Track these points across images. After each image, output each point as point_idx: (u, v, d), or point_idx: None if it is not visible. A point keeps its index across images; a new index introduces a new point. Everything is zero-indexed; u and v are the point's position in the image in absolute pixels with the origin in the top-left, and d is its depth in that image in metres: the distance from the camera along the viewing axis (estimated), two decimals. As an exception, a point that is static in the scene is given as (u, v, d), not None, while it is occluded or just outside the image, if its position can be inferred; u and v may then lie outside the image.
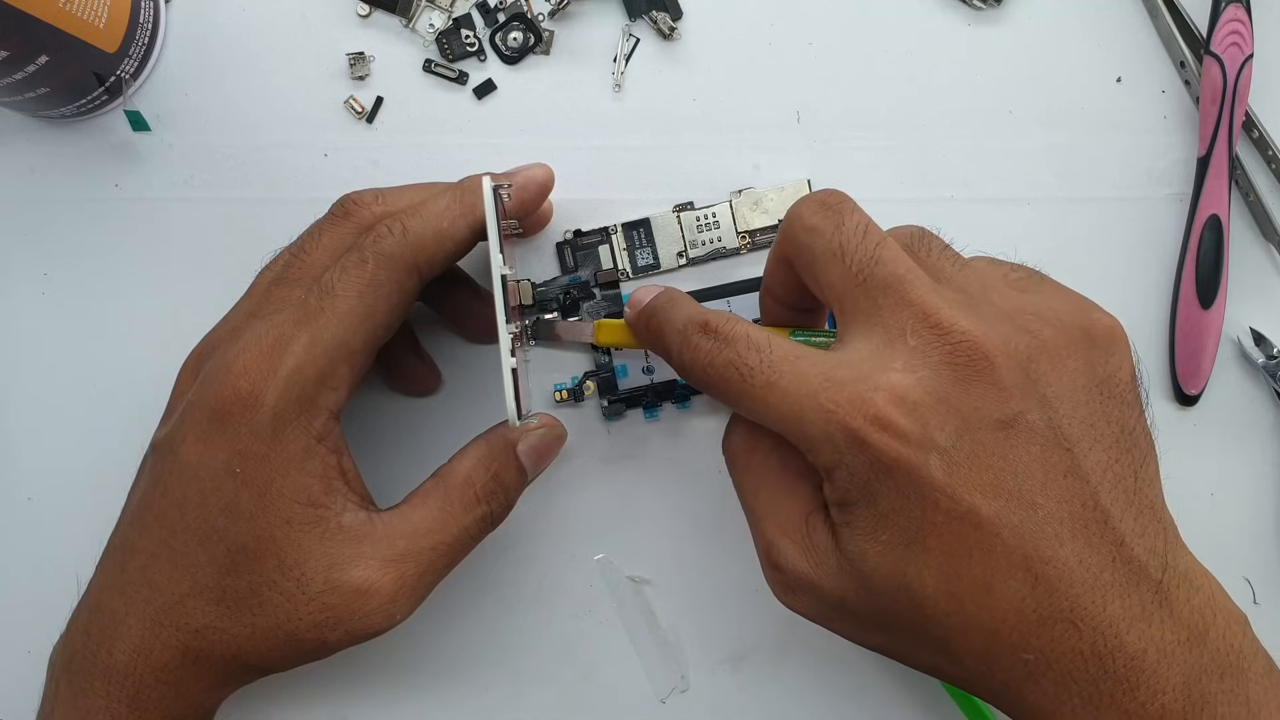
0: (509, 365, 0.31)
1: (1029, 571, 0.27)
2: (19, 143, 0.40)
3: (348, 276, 0.32)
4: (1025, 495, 0.27)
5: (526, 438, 0.35)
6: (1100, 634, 0.26)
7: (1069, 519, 0.27)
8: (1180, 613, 0.27)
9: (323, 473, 0.32)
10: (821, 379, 0.28)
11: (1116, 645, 0.26)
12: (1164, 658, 0.27)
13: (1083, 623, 0.26)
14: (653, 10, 0.39)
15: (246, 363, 0.31)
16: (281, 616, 0.31)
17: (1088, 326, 0.29)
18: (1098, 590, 0.27)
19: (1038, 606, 0.27)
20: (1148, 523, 0.28)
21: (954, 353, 0.27)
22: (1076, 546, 0.27)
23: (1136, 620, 0.27)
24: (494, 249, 0.31)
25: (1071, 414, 0.28)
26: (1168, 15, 0.40)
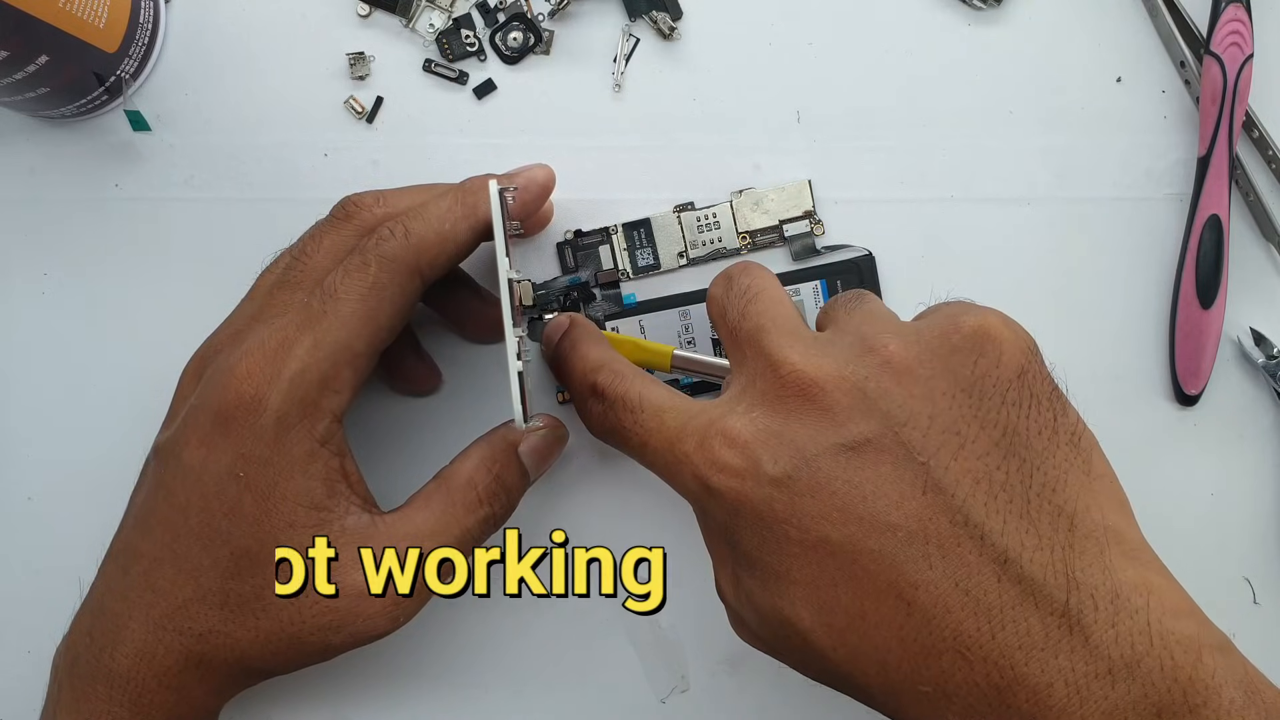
0: (515, 368, 0.31)
1: (899, 598, 0.25)
2: (19, 143, 0.40)
3: (350, 280, 0.32)
4: (879, 518, 0.25)
5: (528, 439, 0.35)
6: (993, 664, 0.24)
7: (935, 538, 0.25)
8: (1099, 640, 0.24)
9: (326, 476, 0.32)
10: (677, 431, 0.29)
11: (1014, 678, 0.24)
12: (1076, 693, 0.23)
13: (970, 652, 0.24)
14: (653, 10, 0.39)
15: (249, 366, 0.31)
16: (285, 620, 0.31)
17: (948, 333, 0.27)
18: (981, 615, 0.24)
19: (917, 635, 0.25)
20: (1046, 534, 0.25)
21: (782, 387, 0.27)
22: (949, 567, 0.25)
23: (1036, 649, 0.24)
24: (500, 253, 0.31)
25: (927, 426, 0.26)
26: (1168, 15, 0.40)
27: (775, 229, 0.40)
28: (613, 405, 0.31)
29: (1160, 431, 0.40)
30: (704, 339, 0.39)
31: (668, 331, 0.39)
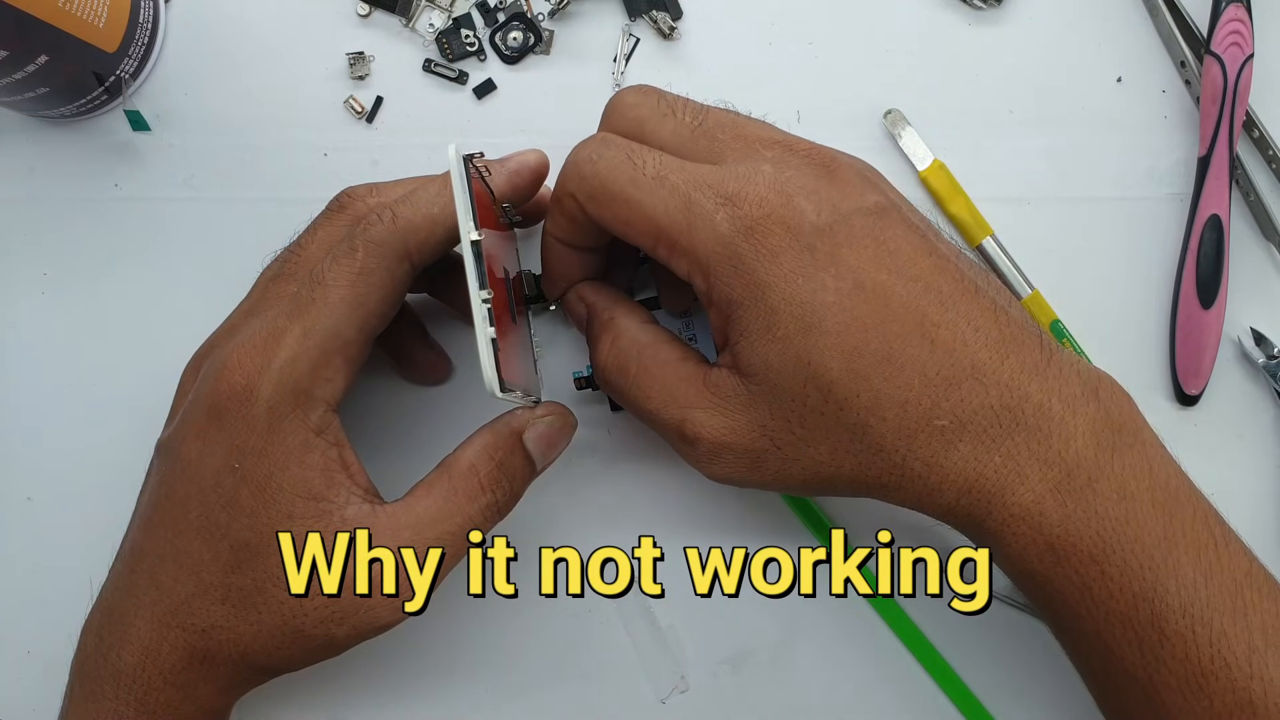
0: (486, 334, 0.29)
1: (924, 335, 0.28)
2: (19, 143, 0.40)
3: (338, 266, 0.32)
4: (904, 269, 0.29)
5: (534, 426, 0.34)
6: (1005, 386, 0.28)
7: (948, 287, 0.29)
8: (1068, 370, 0.29)
9: (323, 466, 0.32)
10: (707, 175, 0.30)
11: (1022, 396, 0.28)
12: (1068, 406, 0.28)
13: (986, 378, 0.28)
14: (653, 10, 0.39)
15: (240, 358, 0.31)
16: (287, 613, 0.31)
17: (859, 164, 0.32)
18: (992, 346, 0.28)
19: (940, 368, 0.28)
20: (1011, 297, 0.30)
21: (809, 158, 0.30)
22: (963, 308, 0.29)
23: (1034, 374, 0.28)
24: (461, 212, 0.30)
25: (911, 211, 0.31)
26: (1168, 15, 0.40)
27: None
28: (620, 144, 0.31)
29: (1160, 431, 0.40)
30: (705, 339, 0.39)
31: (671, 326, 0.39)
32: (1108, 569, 0.28)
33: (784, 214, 0.29)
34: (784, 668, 0.40)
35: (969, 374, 0.28)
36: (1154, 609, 0.27)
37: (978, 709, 0.39)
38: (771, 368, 0.29)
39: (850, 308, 0.28)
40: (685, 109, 0.32)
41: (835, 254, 0.29)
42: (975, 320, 0.29)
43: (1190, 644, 0.27)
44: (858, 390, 0.28)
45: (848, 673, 0.39)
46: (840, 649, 0.39)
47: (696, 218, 0.29)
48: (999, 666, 0.39)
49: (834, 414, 0.29)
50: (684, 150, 0.31)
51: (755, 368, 0.30)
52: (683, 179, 0.30)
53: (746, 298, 0.29)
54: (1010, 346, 0.28)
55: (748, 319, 0.29)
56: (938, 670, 0.39)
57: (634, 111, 0.32)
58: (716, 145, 0.31)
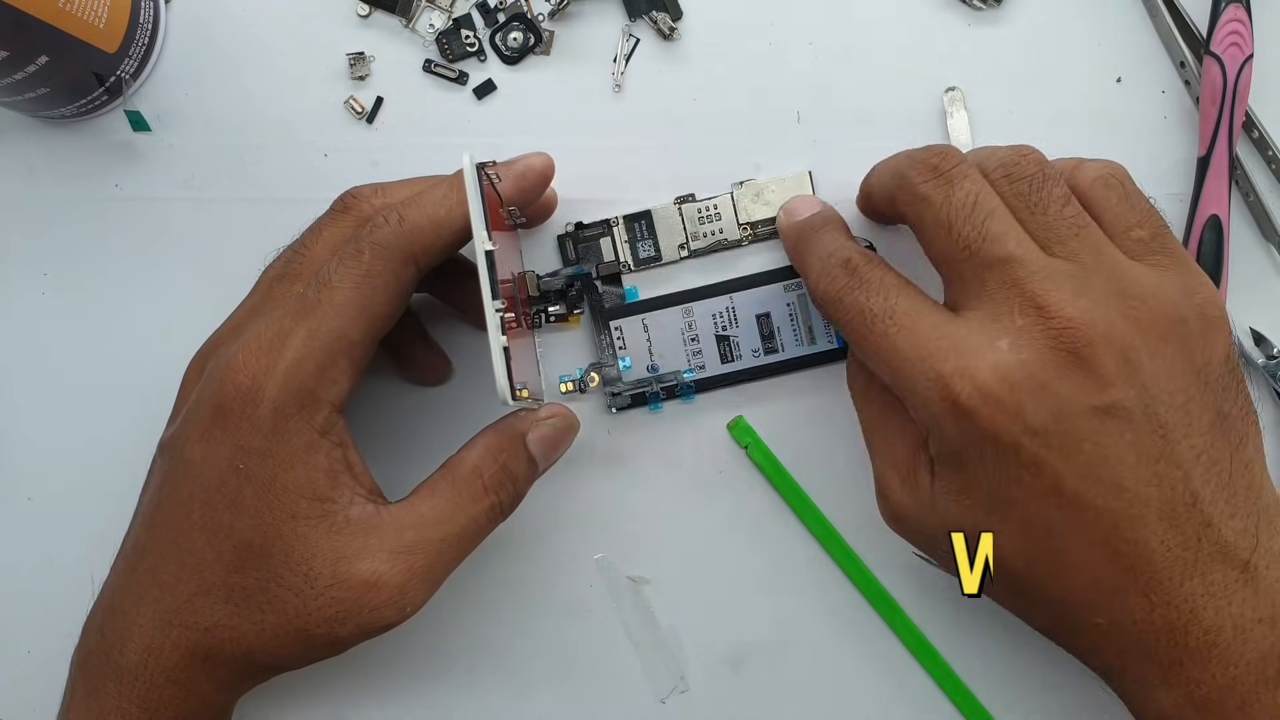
0: (499, 342, 0.30)
1: (1108, 548, 0.28)
2: (19, 143, 0.40)
3: (344, 268, 0.32)
4: (1114, 480, 0.28)
5: (537, 428, 0.34)
6: (1174, 608, 0.27)
7: (1156, 503, 0.28)
8: (1266, 592, 0.28)
9: (327, 466, 0.32)
10: (934, 343, 0.29)
11: (1192, 619, 0.27)
12: (1240, 634, 0.27)
13: (1156, 594, 0.28)
14: (653, 10, 0.39)
15: (246, 358, 0.31)
16: (290, 612, 0.31)
17: (1187, 314, 0.29)
18: (1177, 567, 0.27)
19: (1113, 578, 0.28)
20: (1241, 504, 0.28)
21: (1058, 338, 0.28)
22: (1160, 529, 0.28)
23: (1216, 597, 0.27)
24: (476, 224, 0.30)
25: (1169, 401, 0.28)
26: (1168, 15, 0.40)
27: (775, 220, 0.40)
28: (865, 284, 0.31)
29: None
30: (708, 339, 0.39)
31: (670, 330, 0.39)
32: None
33: (997, 410, 0.28)
34: (784, 668, 0.40)
35: (1141, 589, 0.28)
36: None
37: (978, 709, 0.39)
38: (952, 517, 0.30)
39: (1039, 508, 0.28)
40: (965, 224, 0.30)
41: (1040, 456, 0.28)
42: (1171, 540, 0.28)
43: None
44: (1023, 571, 0.29)
45: (848, 673, 0.39)
46: (840, 649, 0.39)
47: (912, 389, 0.29)
48: (999, 666, 0.39)
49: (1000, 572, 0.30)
50: (950, 276, 0.31)
51: (942, 507, 0.30)
52: (908, 343, 0.29)
53: (950, 462, 0.29)
54: (1201, 567, 0.28)
55: (948, 476, 0.30)
56: (938, 670, 0.39)
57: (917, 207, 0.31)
58: (979, 288, 0.30)
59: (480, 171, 0.31)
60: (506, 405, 0.31)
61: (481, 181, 0.31)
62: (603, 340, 0.39)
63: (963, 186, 0.30)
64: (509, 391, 0.30)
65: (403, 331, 0.38)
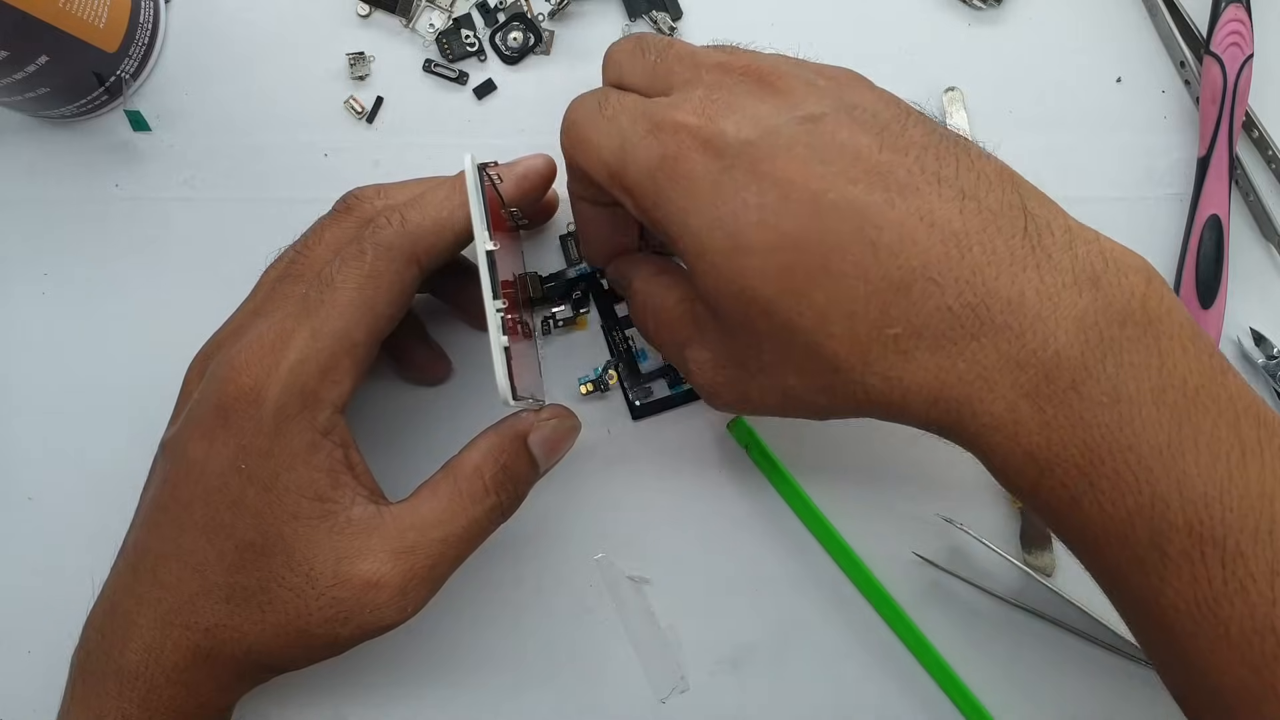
0: (499, 342, 0.30)
1: (864, 239, 0.26)
2: (19, 143, 0.40)
3: (347, 268, 0.32)
4: (842, 171, 0.26)
5: (538, 429, 0.34)
6: (965, 283, 0.25)
7: (895, 185, 0.26)
8: (1059, 259, 0.25)
9: (329, 467, 0.32)
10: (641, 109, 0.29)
11: (987, 293, 0.25)
12: (1047, 300, 0.25)
13: (941, 276, 0.25)
14: (653, 10, 0.39)
15: (248, 358, 0.31)
16: (291, 612, 0.31)
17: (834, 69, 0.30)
18: (949, 241, 0.25)
19: (885, 272, 0.25)
20: (994, 182, 0.26)
21: (745, 74, 0.29)
22: (911, 204, 0.26)
23: (1005, 265, 0.25)
24: (477, 224, 0.30)
25: (871, 111, 0.28)
26: (1168, 15, 0.40)
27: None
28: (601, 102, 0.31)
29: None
30: None
31: None
32: (1096, 481, 0.24)
33: (701, 137, 0.27)
34: (784, 668, 0.40)
35: (919, 274, 0.25)
36: (1154, 525, 0.24)
37: (978, 709, 0.39)
38: (714, 295, 0.28)
39: (776, 222, 0.26)
40: (652, 47, 0.31)
41: (756, 168, 0.27)
42: (930, 214, 0.25)
43: (1199, 565, 0.24)
44: (799, 308, 0.26)
45: (847, 673, 0.39)
46: (840, 649, 0.39)
47: (627, 151, 0.29)
48: (999, 666, 0.39)
49: (785, 336, 0.27)
50: (648, 88, 0.31)
51: (707, 295, 0.29)
52: (627, 115, 0.29)
53: (676, 226, 0.28)
54: (976, 238, 0.25)
55: (683, 247, 0.28)
56: (938, 670, 0.39)
57: (615, 58, 0.32)
58: (672, 78, 0.30)
59: (482, 172, 0.31)
60: (508, 405, 0.31)
61: (483, 182, 0.31)
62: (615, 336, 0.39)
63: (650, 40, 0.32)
64: (510, 391, 0.30)
65: (403, 331, 0.38)
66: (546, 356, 0.40)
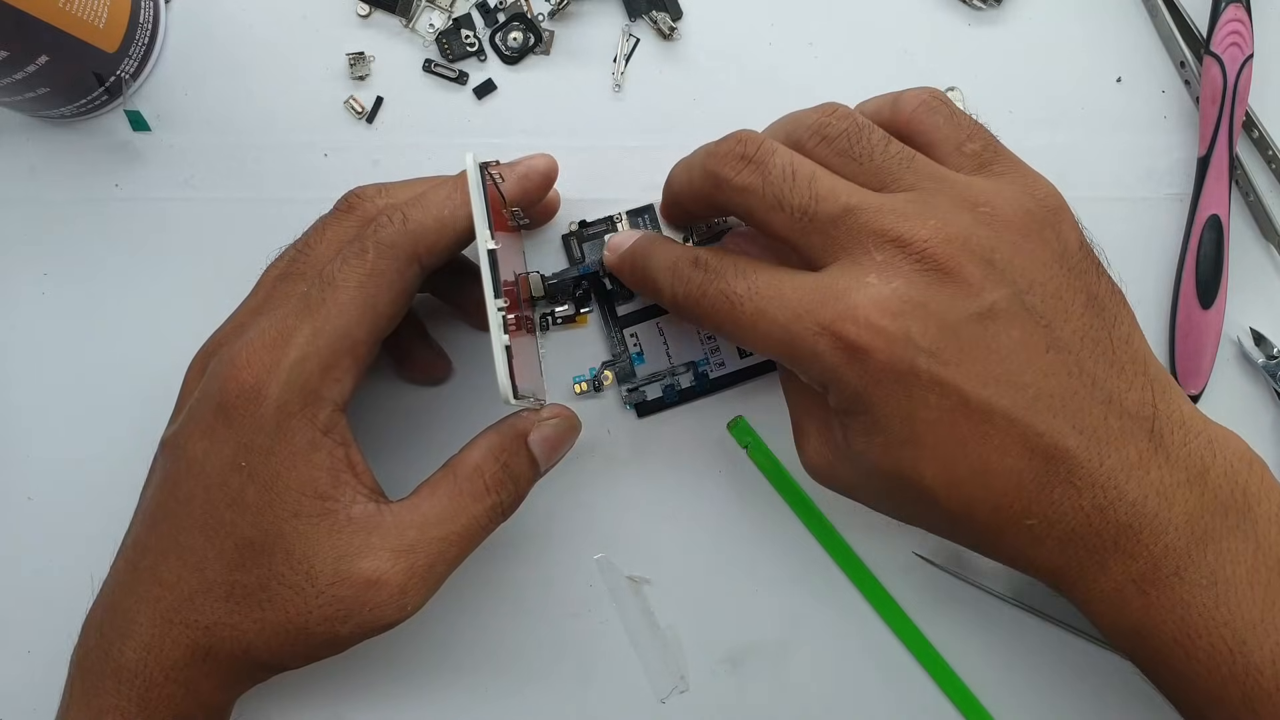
0: (500, 341, 0.30)
1: (1025, 447, 0.28)
2: (19, 143, 0.40)
3: (348, 267, 0.32)
4: (1013, 378, 0.28)
5: (539, 428, 0.35)
6: (1100, 488, 0.28)
7: (1058, 391, 0.28)
8: (1176, 455, 0.28)
9: (330, 465, 0.32)
10: (805, 301, 0.29)
11: (1116, 496, 0.28)
12: (1164, 499, 0.28)
13: (1080, 480, 0.28)
14: (653, 10, 0.39)
15: (249, 357, 0.31)
16: (291, 611, 0.31)
17: (1033, 207, 0.30)
18: (1093, 448, 0.28)
19: (1036, 475, 0.28)
20: (1133, 376, 0.29)
21: (921, 259, 0.28)
22: (1069, 414, 0.28)
23: (1134, 469, 0.28)
24: (479, 222, 0.30)
25: (1041, 292, 0.29)
26: (1168, 15, 0.40)
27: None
28: (720, 272, 0.31)
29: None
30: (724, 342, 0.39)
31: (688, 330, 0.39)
32: (1193, 652, 0.28)
33: (887, 340, 0.28)
34: (784, 668, 0.40)
35: (1064, 478, 0.28)
36: (1246, 690, 0.27)
37: (978, 709, 0.39)
38: (870, 461, 0.30)
39: (951, 424, 0.28)
40: (793, 195, 0.30)
41: (939, 374, 0.28)
42: (1081, 421, 0.28)
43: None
44: (950, 495, 0.29)
45: (848, 673, 0.39)
46: (840, 649, 0.39)
47: (798, 350, 0.29)
48: (999, 666, 0.39)
49: (927, 504, 0.29)
50: (799, 248, 0.30)
51: (858, 455, 0.30)
52: (781, 310, 0.29)
53: (854, 408, 0.29)
54: (1115, 444, 0.28)
55: (856, 422, 0.30)
56: (938, 670, 0.39)
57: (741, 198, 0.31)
58: (829, 244, 0.30)
59: (483, 171, 0.31)
60: (508, 405, 0.31)
61: (485, 181, 0.31)
62: (615, 338, 0.39)
63: (775, 163, 0.30)
64: (511, 391, 0.30)
65: (403, 331, 0.38)
66: (546, 354, 0.40)
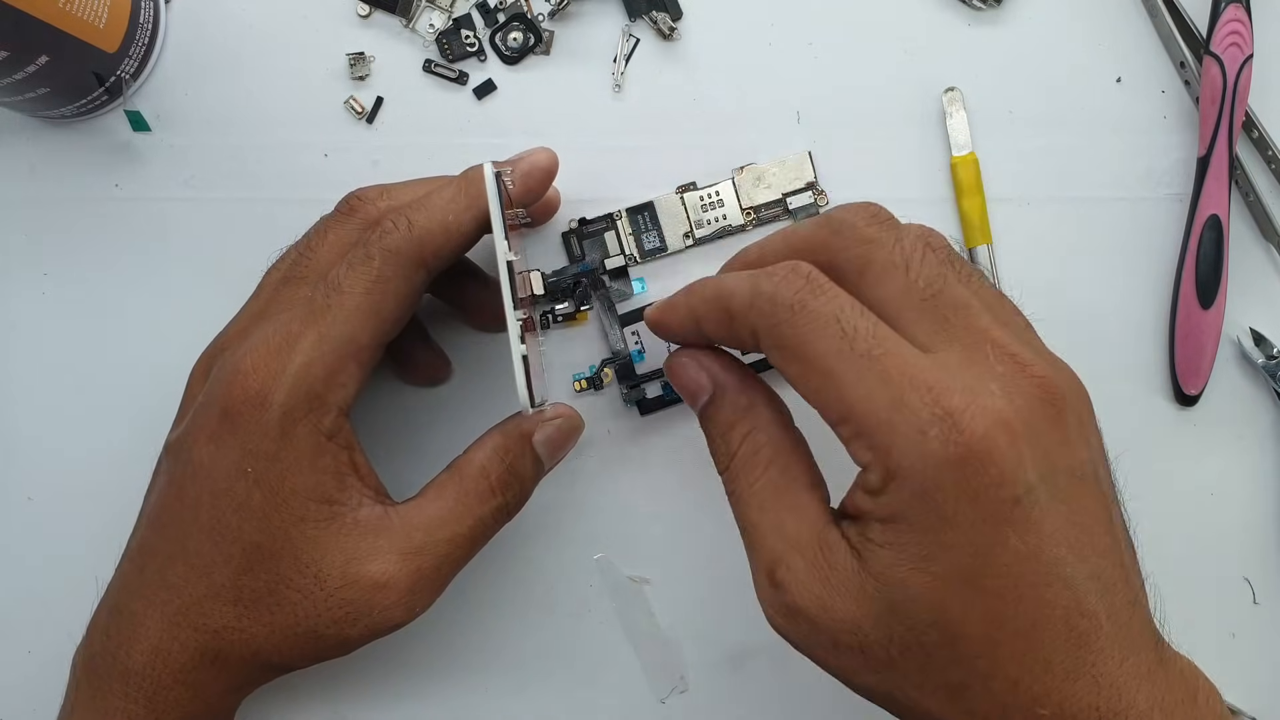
0: (519, 352, 0.30)
1: (1067, 625, 0.26)
2: (19, 143, 0.40)
3: (354, 273, 0.32)
4: (1081, 548, 0.26)
5: (543, 428, 0.35)
6: (1116, 691, 0.26)
7: (1106, 576, 0.26)
8: (1173, 673, 0.27)
9: (335, 469, 0.32)
10: (930, 377, 0.26)
11: (1128, 704, 0.26)
12: (1166, 717, 0.26)
13: (1103, 679, 0.26)
14: (653, 10, 0.39)
15: (254, 362, 0.31)
16: (301, 614, 0.31)
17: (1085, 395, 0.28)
18: (1117, 646, 0.26)
19: (1065, 660, 0.26)
20: (1137, 576, 0.28)
21: (1041, 391, 0.26)
22: (1109, 601, 0.26)
23: (1144, 679, 0.26)
24: (498, 235, 0.30)
25: (1105, 468, 0.28)
26: (1168, 15, 0.40)
27: (779, 203, 0.40)
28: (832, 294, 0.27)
29: (1160, 431, 0.40)
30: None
31: None
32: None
33: (1004, 458, 0.25)
34: (784, 668, 0.40)
35: (1089, 670, 0.26)
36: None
37: None
38: (907, 591, 0.26)
39: (1018, 575, 0.25)
40: (923, 264, 0.28)
41: (1030, 515, 0.25)
42: (1116, 614, 0.26)
43: None
44: (981, 654, 0.26)
45: (848, 672, 0.39)
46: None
47: (904, 423, 0.25)
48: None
49: (943, 662, 0.26)
50: (903, 320, 0.27)
51: (887, 581, 0.26)
52: (899, 369, 0.26)
53: (920, 522, 0.25)
54: (1133, 648, 0.26)
55: (904, 538, 0.26)
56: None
57: (863, 249, 0.28)
58: (944, 330, 0.27)
59: (498, 179, 0.31)
60: (526, 412, 0.31)
61: (501, 190, 0.31)
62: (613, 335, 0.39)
63: (910, 232, 0.28)
64: (529, 400, 0.30)
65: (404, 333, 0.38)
66: (546, 352, 0.40)
